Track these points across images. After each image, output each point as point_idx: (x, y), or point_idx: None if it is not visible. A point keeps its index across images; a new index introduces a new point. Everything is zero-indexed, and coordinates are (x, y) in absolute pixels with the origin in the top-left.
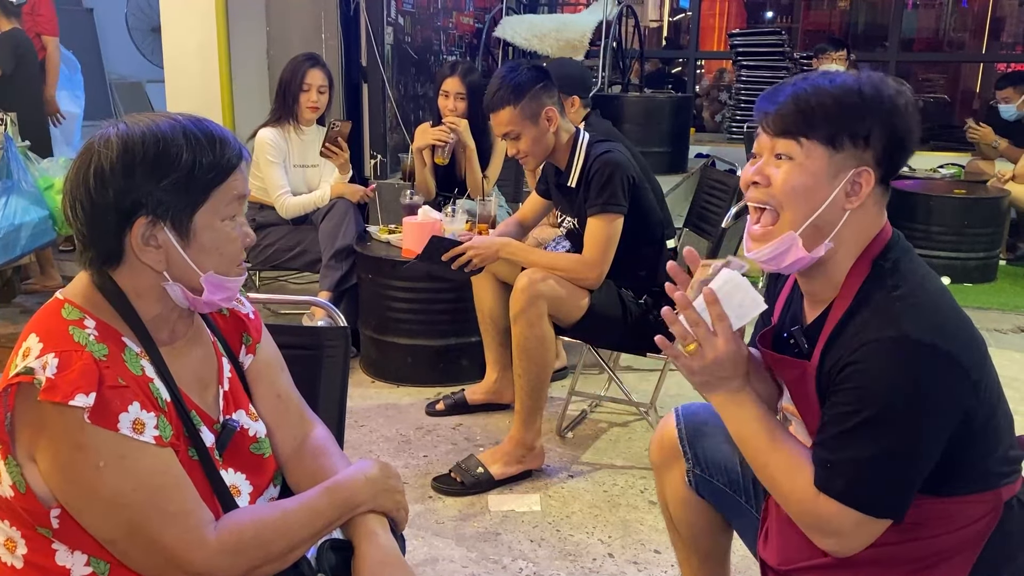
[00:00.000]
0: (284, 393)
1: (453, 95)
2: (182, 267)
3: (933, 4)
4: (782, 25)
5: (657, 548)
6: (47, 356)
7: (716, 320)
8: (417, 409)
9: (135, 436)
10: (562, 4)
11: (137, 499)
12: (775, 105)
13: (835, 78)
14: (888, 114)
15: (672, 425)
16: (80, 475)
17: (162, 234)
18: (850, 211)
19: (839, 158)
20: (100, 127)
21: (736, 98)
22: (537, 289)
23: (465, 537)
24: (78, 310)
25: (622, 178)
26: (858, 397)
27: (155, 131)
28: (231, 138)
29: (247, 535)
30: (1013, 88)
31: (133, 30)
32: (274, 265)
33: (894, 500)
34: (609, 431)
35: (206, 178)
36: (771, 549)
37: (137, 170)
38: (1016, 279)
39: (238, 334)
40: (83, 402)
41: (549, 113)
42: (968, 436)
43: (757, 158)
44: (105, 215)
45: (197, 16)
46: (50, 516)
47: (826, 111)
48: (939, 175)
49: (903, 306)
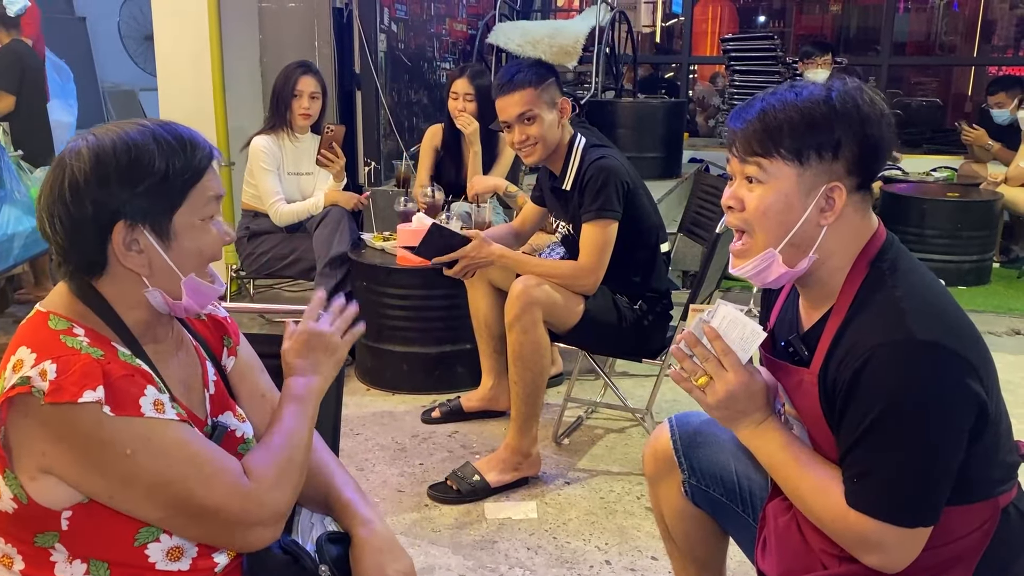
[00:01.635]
0: (268, 393)
1: (462, 96)
2: (163, 270)
3: (925, 8)
4: (774, 30)
5: (654, 555)
6: (44, 363)
7: (722, 355)
8: (413, 417)
9: (158, 416)
10: (555, 10)
11: (176, 473)
12: (741, 125)
13: (802, 91)
14: (858, 123)
15: (666, 435)
16: (113, 467)
17: (143, 238)
18: (827, 226)
19: (808, 175)
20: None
21: (729, 103)
22: (532, 296)
23: (462, 545)
24: (65, 319)
25: (616, 184)
26: (872, 405)
27: (125, 139)
28: (201, 139)
29: (275, 461)
30: (1005, 92)
31: (126, 38)
32: (268, 273)
33: (924, 507)
34: (605, 437)
35: (181, 180)
36: (770, 560)
37: (112, 179)
38: (1009, 282)
39: (219, 337)
40: (92, 397)
41: (563, 104)
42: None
43: (732, 181)
44: (85, 227)
45: (190, 24)
46: (60, 519)
47: (792, 126)
48: (932, 178)
49: (906, 307)
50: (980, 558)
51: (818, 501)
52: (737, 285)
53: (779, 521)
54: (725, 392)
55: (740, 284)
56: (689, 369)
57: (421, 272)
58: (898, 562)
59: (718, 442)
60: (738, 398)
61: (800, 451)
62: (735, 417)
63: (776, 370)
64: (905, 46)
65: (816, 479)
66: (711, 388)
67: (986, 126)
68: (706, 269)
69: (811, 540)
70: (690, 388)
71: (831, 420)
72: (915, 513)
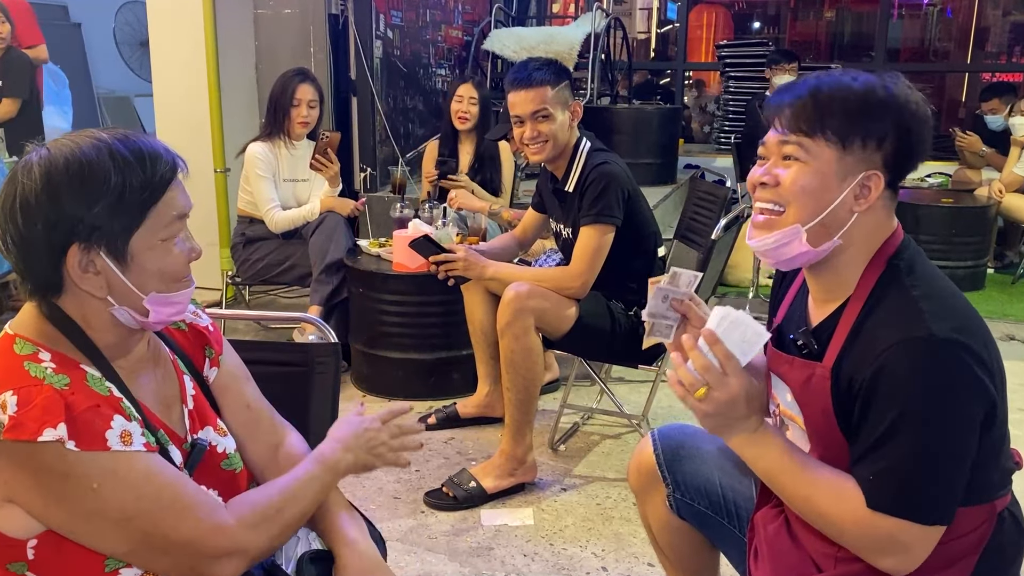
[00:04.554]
0: (253, 403)
1: (467, 99)
2: (123, 291)
3: (918, 14)
4: (769, 36)
5: (651, 561)
6: (5, 395)
7: (724, 360)
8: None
9: (125, 448)
10: (550, 17)
11: (142, 507)
12: (793, 96)
13: (858, 76)
14: (909, 118)
15: (649, 451)
16: (78, 502)
17: (99, 259)
18: (859, 213)
19: (848, 160)
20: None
21: (724, 109)
22: (523, 302)
23: (458, 552)
24: (30, 344)
25: (617, 190)
26: (893, 403)
27: (78, 155)
28: (163, 151)
29: (260, 506)
30: (998, 99)
31: (121, 44)
32: (264, 280)
33: (942, 503)
34: (601, 444)
35: (139, 199)
36: (764, 569)
37: (63, 198)
38: (1004, 287)
39: (200, 348)
40: (52, 435)
41: (575, 107)
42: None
43: (764, 160)
44: (37, 247)
45: (185, 30)
46: (26, 548)
47: (846, 107)
48: (926, 184)
49: (924, 306)
50: (976, 561)
51: (834, 507)
52: (733, 291)
53: (769, 529)
54: (727, 399)
55: (737, 290)
56: (688, 381)
57: (417, 278)
58: (914, 562)
59: (701, 455)
60: (738, 405)
61: (804, 457)
62: (730, 424)
63: (782, 364)
64: (899, 52)
65: (828, 485)
66: (711, 397)
67: (980, 132)
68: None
69: (805, 543)
70: (684, 396)
71: (840, 417)
72: (935, 510)
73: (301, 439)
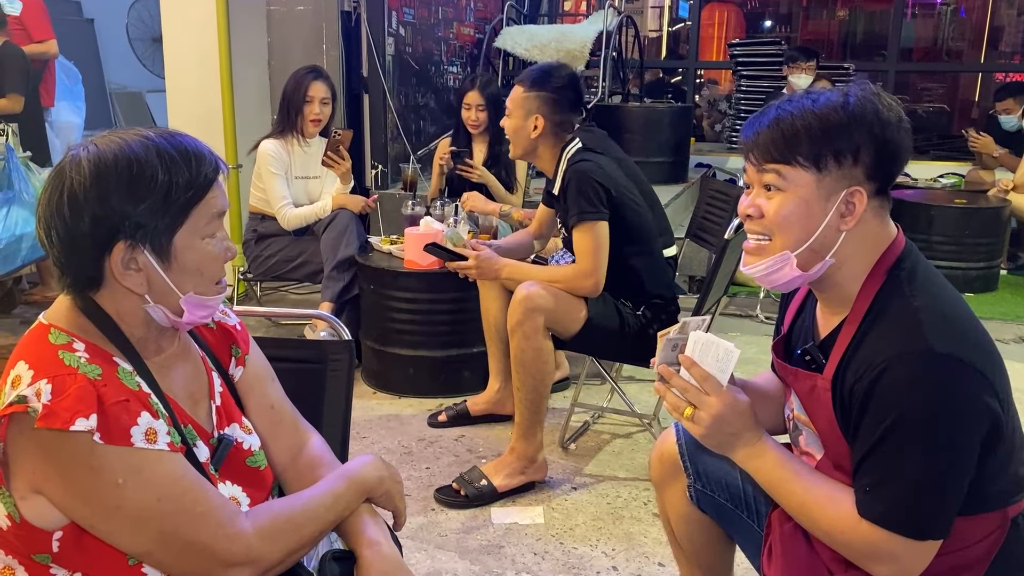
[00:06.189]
0: (277, 404)
1: (474, 107)
2: (163, 289)
3: (931, 14)
4: (781, 35)
5: (661, 561)
6: (40, 383)
7: (702, 381)
8: (419, 420)
9: (149, 446)
10: (562, 15)
11: (164, 508)
12: (756, 132)
13: (818, 97)
14: (877, 127)
15: (672, 440)
16: (101, 497)
17: (142, 257)
18: (847, 231)
19: (827, 181)
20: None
21: (736, 108)
22: (534, 302)
23: (468, 550)
24: (65, 334)
25: (588, 186)
26: (887, 416)
27: (128, 152)
28: (207, 152)
29: (280, 519)
30: (1013, 99)
31: (134, 40)
32: (275, 276)
33: (935, 520)
34: (612, 443)
35: (184, 197)
36: (776, 567)
37: (112, 196)
38: (1017, 289)
39: (227, 347)
40: (84, 426)
41: (537, 122)
42: (991, 450)
43: (749, 190)
44: (82, 242)
45: (198, 26)
46: (51, 540)
47: (809, 132)
48: (939, 185)
49: (923, 318)
50: (987, 567)
51: (826, 513)
52: (744, 291)
53: (784, 528)
54: (711, 417)
55: (748, 289)
56: (672, 403)
57: (428, 276)
58: (907, 572)
59: None
60: (726, 420)
61: (801, 466)
62: (728, 441)
63: (788, 374)
64: (912, 52)
65: (822, 492)
66: (697, 416)
67: (993, 133)
68: (714, 275)
69: (818, 547)
70: (679, 418)
71: (844, 427)
72: (926, 525)
73: (323, 442)
